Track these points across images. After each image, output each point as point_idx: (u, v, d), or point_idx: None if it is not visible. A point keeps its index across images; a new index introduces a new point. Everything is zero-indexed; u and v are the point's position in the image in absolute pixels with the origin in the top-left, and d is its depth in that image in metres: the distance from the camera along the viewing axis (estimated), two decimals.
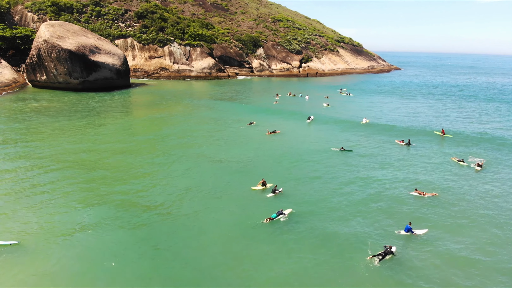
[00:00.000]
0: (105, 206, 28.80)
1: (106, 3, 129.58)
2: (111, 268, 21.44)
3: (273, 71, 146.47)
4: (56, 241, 23.81)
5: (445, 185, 35.28)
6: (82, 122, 56.89)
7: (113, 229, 25.64)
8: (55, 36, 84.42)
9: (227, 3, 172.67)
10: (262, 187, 33.23)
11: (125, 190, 31.92)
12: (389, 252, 22.96)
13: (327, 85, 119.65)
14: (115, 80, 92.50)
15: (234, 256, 23.02)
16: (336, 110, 74.43)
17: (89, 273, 21.00)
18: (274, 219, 27.69)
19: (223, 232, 25.78)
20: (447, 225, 27.55)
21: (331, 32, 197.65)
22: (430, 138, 52.85)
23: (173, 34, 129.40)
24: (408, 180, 36.13)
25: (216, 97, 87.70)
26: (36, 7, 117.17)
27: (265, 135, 52.69)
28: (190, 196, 31.17)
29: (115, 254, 22.74)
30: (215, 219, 27.48)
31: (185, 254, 23.01)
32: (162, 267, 21.72)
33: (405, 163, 41.60)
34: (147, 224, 26.32)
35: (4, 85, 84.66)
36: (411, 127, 59.99)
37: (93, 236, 24.53)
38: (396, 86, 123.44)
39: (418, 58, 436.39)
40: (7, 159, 39.06)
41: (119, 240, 24.21)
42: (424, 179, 36.50)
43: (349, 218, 28.21)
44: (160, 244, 23.90)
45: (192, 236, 25.04)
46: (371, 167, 39.79)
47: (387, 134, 54.93)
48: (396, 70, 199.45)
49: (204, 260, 22.43)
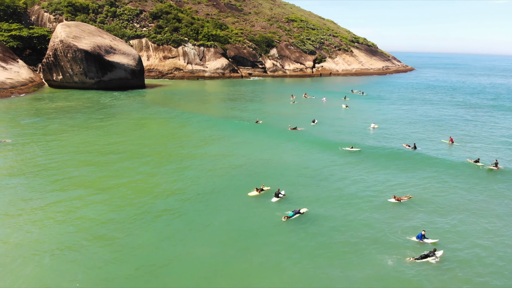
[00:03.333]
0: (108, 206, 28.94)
1: (121, 4, 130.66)
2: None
3: (286, 71, 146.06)
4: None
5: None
6: (98, 123, 57.40)
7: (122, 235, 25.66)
8: (71, 36, 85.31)
9: (241, 3, 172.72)
10: (257, 193, 32.10)
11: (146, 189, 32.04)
12: (432, 255, 23.08)
13: (342, 85, 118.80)
14: (129, 80, 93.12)
15: (257, 260, 22.89)
16: (353, 113, 73.95)
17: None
18: (292, 218, 27.98)
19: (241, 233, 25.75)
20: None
21: (345, 32, 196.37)
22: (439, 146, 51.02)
23: (187, 35, 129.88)
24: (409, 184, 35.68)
25: (232, 98, 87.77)
26: (52, 7, 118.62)
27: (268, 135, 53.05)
28: (202, 198, 31.12)
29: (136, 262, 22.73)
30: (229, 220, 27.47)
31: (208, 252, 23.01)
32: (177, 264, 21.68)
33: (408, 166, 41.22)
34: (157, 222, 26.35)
35: (21, 85, 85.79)
36: (419, 132, 58.48)
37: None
38: (414, 88, 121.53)
39: (431, 58, 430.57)
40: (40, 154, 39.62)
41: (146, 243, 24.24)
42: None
43: (359, 221, 27.94)
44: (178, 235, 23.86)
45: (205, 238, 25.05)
46: (377, 169, 39.44)
47: (395, 138, 53.90)
48: (411, 71, 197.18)
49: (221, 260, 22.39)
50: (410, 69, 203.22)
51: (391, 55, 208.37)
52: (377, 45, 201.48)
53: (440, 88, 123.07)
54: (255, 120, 61.29)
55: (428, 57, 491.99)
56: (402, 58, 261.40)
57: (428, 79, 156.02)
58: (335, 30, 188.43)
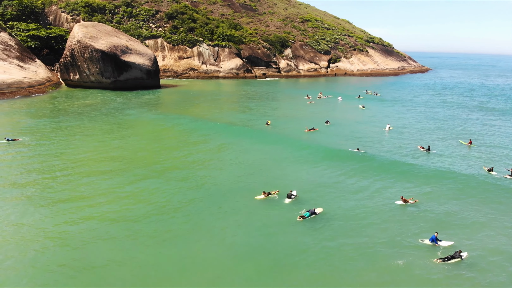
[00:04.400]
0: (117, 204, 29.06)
1: (137, 4, 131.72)
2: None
3: (300, 71, 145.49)
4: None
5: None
6: (112, 123, 57.94)
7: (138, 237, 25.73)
8: (88, 37, 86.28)
9: (256, 3, 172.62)
10: (264, 196, 31.45)
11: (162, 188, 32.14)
12: (457, 256, 22.99)
13: (356, 86, 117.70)
14: (145, 80, 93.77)
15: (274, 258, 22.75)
16: (368, 113, 73.25)
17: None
18: (307, 218, 27.95)
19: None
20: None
21: (361, 32, 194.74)
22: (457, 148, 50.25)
23: (202, 35, 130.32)
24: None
25: (245, 99, 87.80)
26: (69, 8, 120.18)
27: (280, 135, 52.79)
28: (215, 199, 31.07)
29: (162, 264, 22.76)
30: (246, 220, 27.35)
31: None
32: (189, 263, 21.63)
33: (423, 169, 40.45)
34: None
35: (39, 84, 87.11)
36: (437, 133, 57.65)
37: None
38: (431, 89, 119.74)
39: (450, 59, 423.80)
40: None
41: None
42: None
43: (371, 222, 27.56)
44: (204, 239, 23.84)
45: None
46: (388, 172, 38.95)
47: (409, 140, 53.05)
48: (428, 72, 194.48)
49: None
50: (426, 70, 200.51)
51: (407, 55, 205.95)
52: (392, 45, 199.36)
53: (457, 89, 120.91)
54: (265, 122, 60.52)
55: (446, 57, 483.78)
56: (418, 58, 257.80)
57: (445, 80, 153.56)
58: (350, 30, 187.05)
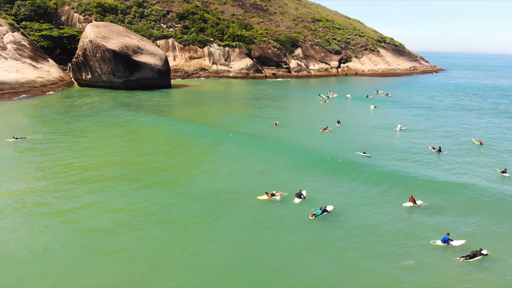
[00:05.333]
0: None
1: (149, 5, 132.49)
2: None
3: (311, 71, 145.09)
4: None
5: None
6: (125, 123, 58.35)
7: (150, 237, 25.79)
8: (100, 37, 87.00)
9: (267, 3, 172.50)
10: (268, 197, 30.83)
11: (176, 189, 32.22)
12: (478, 254, 23.23)
13: (367, 85, 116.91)
14: (156, 80, 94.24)
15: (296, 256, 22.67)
16: (379, 114, 72.78)
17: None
18: (319, 216, 28.04)
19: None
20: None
21: (372, 32, 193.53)
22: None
23: (212, 35, 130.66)
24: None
25: (255, 99, 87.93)
26: (82, 8, 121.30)
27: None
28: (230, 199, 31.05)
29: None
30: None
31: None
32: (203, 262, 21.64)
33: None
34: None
35: (51, 83, 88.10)
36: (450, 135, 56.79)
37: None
38: (443, 90, 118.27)
39: (458, 59, 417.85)
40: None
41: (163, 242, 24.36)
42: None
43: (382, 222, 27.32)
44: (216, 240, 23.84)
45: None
46: (398, 172, 38.64)
47: (421, 140, 52.44)
48: (440, 72, 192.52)
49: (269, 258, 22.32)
50: (438, 70, 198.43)
51: (419, 55, 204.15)
52: (404, 45, 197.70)
53: (470, 89, 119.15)
54: (273, 123, 60.06)
55: (459, 57, 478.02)
56: (430, 58, 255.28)
57: (458, 80, 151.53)
58: (361, 30, 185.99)
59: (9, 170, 35.69)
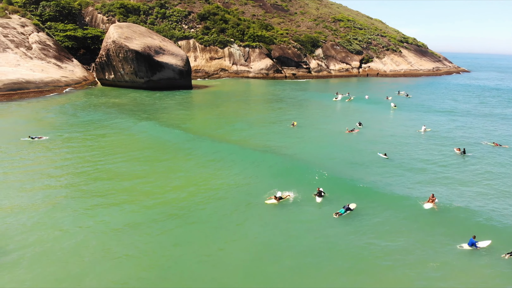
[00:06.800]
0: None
1: (170, 5, 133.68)
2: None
3: (331, 71, 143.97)
4: None
5: None
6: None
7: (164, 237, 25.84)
8: (123, 37, 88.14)
9: (287, 3, 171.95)
10: (275, 201, 30.10)
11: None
12: None
13: (388, 86, 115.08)
14: (177, 80, 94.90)
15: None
16: (401, 114, 71.63)
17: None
18: (343, 214, 28.10)
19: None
20: None
21: (394, 32, 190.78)
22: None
23: (233, 36, 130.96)
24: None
25: (275, 98, 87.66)
26: (105, 9, 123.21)
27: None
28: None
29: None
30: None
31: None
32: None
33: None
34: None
35: (75, 83, 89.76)
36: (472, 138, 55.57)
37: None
38: (467, 91, 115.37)
39: (483, 60, 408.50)
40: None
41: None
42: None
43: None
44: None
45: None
46: (421, 174, 37.88)
47: (446, 142, 51.50)
48: (464, 73, 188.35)
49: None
50: (462, 71, 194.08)
51: (442, 56, 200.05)
52: (427, 46, 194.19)
53: (495, 91, 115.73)
54: (291, 123, 59.70)
55: (483, 58, 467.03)
56: (454, 59, 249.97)
57: (483, 82, 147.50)
58: (383, 30, 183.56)
59: (25, 170, 35.95)
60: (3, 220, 26.09)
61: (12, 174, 34.45)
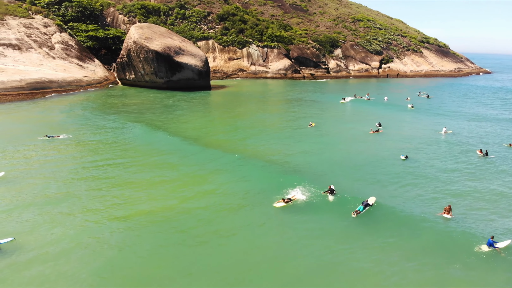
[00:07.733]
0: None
1: (190, 6, 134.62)
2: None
3: (350, 71, 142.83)
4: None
5: None
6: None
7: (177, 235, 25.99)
8: (144, 38, 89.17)
9: (306, 4, 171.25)
10: (284, 204, 29.26)
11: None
12: None
13: (408, 87, 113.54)
14: (196, 81, 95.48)
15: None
16: (420, 115, 70.61)
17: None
18: (362, 212, 27.25)
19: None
20: None
21: (415, 32, 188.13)
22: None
23: (251, 36, 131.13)
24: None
25: (293, 99, 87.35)
26: (126, 10, 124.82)
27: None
28: None
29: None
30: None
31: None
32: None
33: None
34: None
35: (97, 82, 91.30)
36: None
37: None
38: (490, 92, 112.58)
39: (506, 60, 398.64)
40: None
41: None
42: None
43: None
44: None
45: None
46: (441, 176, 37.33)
47: (468, 144, 50.62)
48: (487, 74, 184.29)
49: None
50: (485, 72, 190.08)
51: (464, 56, 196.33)
52: (449, 46, 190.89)
53: None
54: (309, 123, 59.49)
55: (506, 59, 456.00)
56: (477, 60, 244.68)
57: (506, 83, 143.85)
58: (403, 30, 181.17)
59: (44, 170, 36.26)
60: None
61: (24, 171, 35.23)
